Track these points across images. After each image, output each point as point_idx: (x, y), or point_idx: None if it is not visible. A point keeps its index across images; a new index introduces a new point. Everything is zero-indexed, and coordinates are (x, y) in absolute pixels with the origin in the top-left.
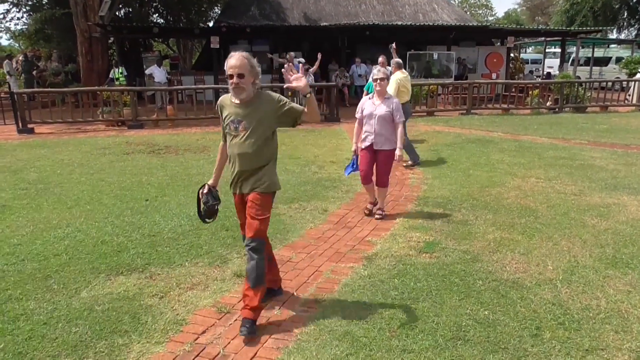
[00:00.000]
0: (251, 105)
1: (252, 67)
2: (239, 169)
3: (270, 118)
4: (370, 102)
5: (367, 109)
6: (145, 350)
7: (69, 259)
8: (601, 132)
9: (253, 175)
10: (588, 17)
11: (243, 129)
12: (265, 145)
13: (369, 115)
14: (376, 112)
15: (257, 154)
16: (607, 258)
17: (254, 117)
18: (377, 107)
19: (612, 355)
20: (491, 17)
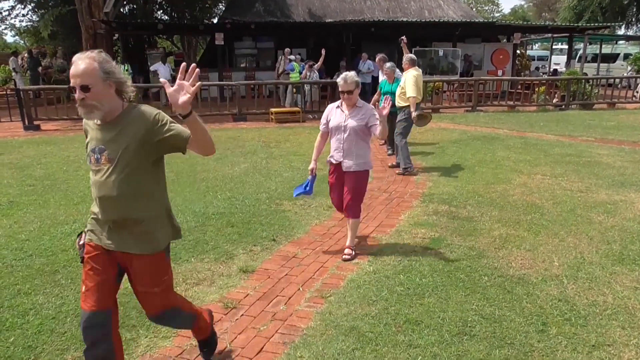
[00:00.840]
0: (117, 127)
1: (106, 73)
2: (103, 217)
3: (144, 145)
4: (339, 112)
5: (334, 119)
6: (152, 345)
7: (76, 254)
8: (608, 129)
9: (128, 228)
10: (596, 12)
11: (106, 161)
12: (141, 184)
13: (337, 128)
14: (346, 123)
15: (127, 198)
16: (614, 254)
17: (121, 143)
18: (348, 117)
19: (619, 351)
20: (497, 13)
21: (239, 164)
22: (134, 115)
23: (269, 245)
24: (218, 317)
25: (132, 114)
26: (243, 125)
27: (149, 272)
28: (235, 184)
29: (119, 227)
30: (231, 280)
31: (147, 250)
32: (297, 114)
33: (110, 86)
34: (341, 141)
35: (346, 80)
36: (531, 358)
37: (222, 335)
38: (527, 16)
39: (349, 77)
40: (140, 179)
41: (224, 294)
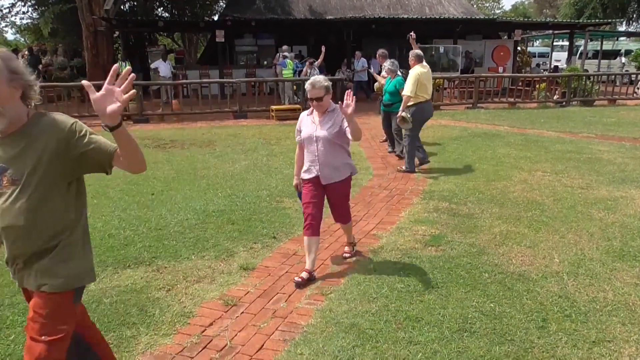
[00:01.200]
0: (22, 140)
1: (13, 73)
2: (10, 252)
3: (59, 160)
4: (309, 120)
5: (305, 130)
6: (153, 342)
7: None
8: (609, 125)
9: (36, 261)
10: (597, 9)
11: (8, 182)
12: (53, 209)
13: (308, 139)
14: (317, 133)
15: (35, 226)
16: (615, 251)
17: (27, 161)
18: (319, 125)
19: (619, 347)
20: (498, 10)
21: (240, 161)
22: (43, 126)
23: (269, 243)
24: (218, 314)
25: (41, 124)
26: (244, 123)
27: (46, 314)
28: (236, 181)
29: (29, 263)
30: (231, 278)
31: (53, 287)
32: (297, 111)
33: (15, 89)
34: (315, 153)
35: (314, 85)
36: (531, 354)
37: (223, 332)
38: (528, 13)
39: (317, 82)
40: (54, 205)
41: (225, 292)
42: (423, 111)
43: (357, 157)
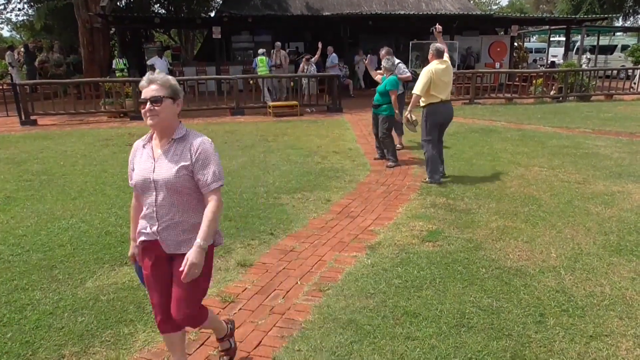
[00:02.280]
0: None
1: None
2: None
3: None
4: (146, 153)
5: (138, 170)
6: (150, 339)
7: (73, 249)
8: (606, 120)
9: None
10: (594, 4)
11: None
12: None
13: (143, 185)
14: (156, 176)
15: None
16: (612, 245)
17: None
18: (158, 162)
19: (616, 341)
20: (495, 5)
21: (237, 157)
22: None
23: (266, 239)
24: (216, 311)
25: None
26: (241, 119)
27: None
28: (233, 178)
29: None
30: (229, 275)
31: None
32: (295, 107)
33: None
34: (153, 205)
35: (153, 81)
36: (529, 349)
37: None
38: (525, 8)
39: (158, 78)
40: None
41: (222, 288)
42: (436, 114)
43: (354, 153)
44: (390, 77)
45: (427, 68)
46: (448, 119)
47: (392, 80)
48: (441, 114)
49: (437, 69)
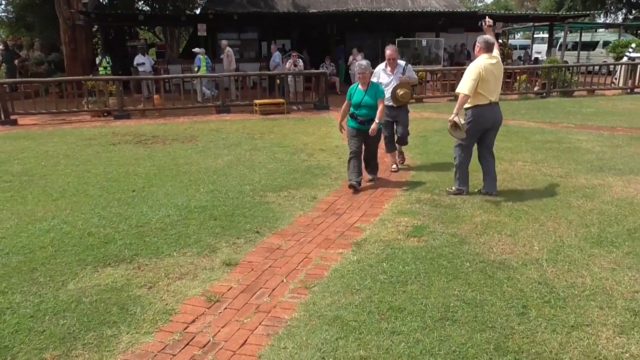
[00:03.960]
0: None
1: None
2: None
3: None
4: None
5: None
6: (134, 341)
7: (55, 251)
8: (588, 115)
9: None
10: (576, 1)
11: None
12: None
13: None
14: None
15: None
16: (592, 237)
17: None
18: None
19: (597, 330)
20: (480, 3)
21: (222, 156)
22: None
23: (252, 238)
24: (201, 311)
25: None
26: (227, 117)
27: None
28: (219, 176)
29: None
30: (214, 274)
31: None
32: (281, 105)
33: None
34: None
35: None
36: (512, 340)
37: (205, 329)
38: (510, 5)
39: None
40: None
41: (207, 288)
42: (483, 118)
43: (341, 150)
44: (376, 85)
45: (476, 63)
46: (497, 123)
47: (381, 89)
48: (489, 118)
49: (487, 65)
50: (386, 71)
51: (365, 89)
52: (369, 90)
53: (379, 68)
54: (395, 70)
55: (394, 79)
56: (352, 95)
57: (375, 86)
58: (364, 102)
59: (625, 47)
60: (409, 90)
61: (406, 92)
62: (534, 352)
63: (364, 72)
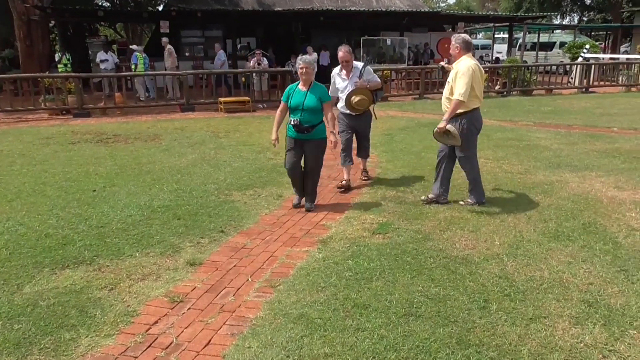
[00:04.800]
0: None
1: None
2: None
3: None
4: None
5: None
6: (94, 344)
7: (9, 254)
8: (546, 113)
9: None
10: (534, 3)
11: None
12: None
13: None
14: None
15: None
16: (550, 232)
17: None
18: None
19: (553, 322)
20: (443, 3)
21: (187, 154)
22: None
23: (217, 237)
24: (164, 312)
25: None
26: (191, 116)
27: None
28: (182, 175)
29: None
30: (178, 274)
31: None
32: (247, 103)
33: None
34: None
35: None
36: (473, 334)
37: (168, 330)
38: (471, 6)
39: None
40: None
41: (171, 288)
42: (476, 121)
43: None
44: (320, 85)
45: (466, 65)
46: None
47: (325, 90)
48: (481, 121)
49: (475, 66)
50: (341, 75)
51: (307, 88)
52: (312, 90)
53: (335, 72)
54: (350, 74)
55: (349, 83)
56: (290, 96)
57: (320, 87)
58: (306, 104)
59: (580, 48)
60: (366, 97)
61: (362, 98)
62: (494, 344)
63: (306, 68)
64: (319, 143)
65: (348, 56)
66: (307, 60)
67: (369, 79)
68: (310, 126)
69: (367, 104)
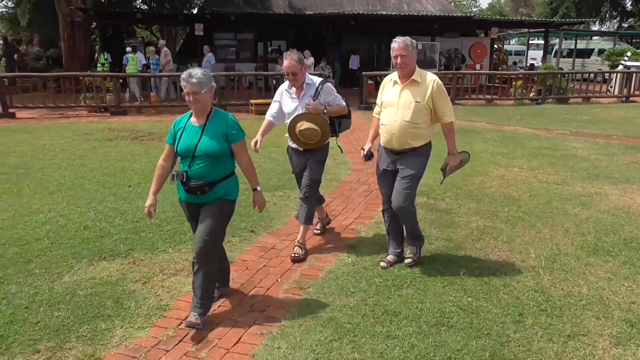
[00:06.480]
0: None
1: None
2: None
3: None
4: None
5: None
6: (128, 335)
7: (50, 243)
8: (583, 122)
9: None
10: (571, 8)
11: None
12: None
13: None
14: None
15: None
16: (589, 246)
17: None
18: None
19: (593, 340)
20: (475, 8)
21: None
22: None
23: (247, 237)
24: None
25: None
26: None
27: None
28: None
29: None
30: None
31: None
32: None
33: None
34: None
35: None
36: (507, 348)
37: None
38: (504, 11)
39: None
40: None
41: None
42: None
43: (335, 152)
44: (223, 114)
45: (439, 82)
46: None
47: (233, 122)
48: None
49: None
50: (290, 93)
51: (204, 122)
52: (212, 123)
53: (282, 88)
54: (302, 93)
55: (299, 105)
56: (176, 135)
57: (224, 117)
58: (200, 148)
59: (620, 55)
60: (317, 127)
61: (311, 128)
62: None
63: (194, 92)
64: (221, 206)
65: (295, 67)
66: (193, 80)
67: (329, 101)
68: (206, 184)
69: (318, 137)
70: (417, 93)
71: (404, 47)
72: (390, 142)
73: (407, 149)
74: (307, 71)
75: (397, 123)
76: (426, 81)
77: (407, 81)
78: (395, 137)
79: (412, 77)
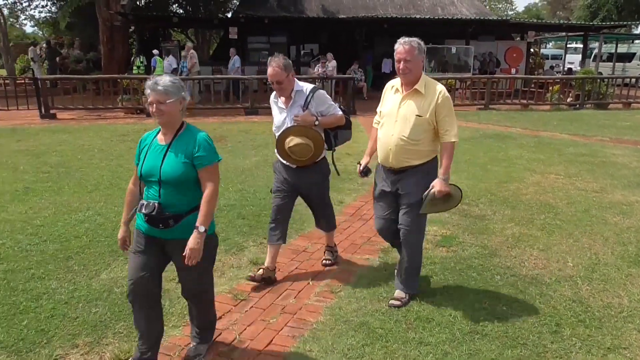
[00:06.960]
0: None
1: None
2: None
3: None
4: None
5: None
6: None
7: (89, 241)
8: (623, 129)
9: None
10: (611, 11)
11: None
12: None
13: None
14: None
15: None
16: (630, 256)
17: None
18: None
19: (635, 354)
20: (511, 11)
21: (250, 157)
22: None
23: None
24: (228, 308)
25: None
26: (255, 119)
27: None
28: (247, 176)
29: None
30: (241, 272)
31: None
32: None
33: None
34: None
35: None
36: (544, 359)
37: (232, 326)
38: (541, 14)
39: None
40: None
41: (234, 286)
42: None
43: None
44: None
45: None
46: None
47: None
48: None
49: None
50: (277, 103)
51: (170, 140)
52: (177, 142)
53: (270, 99)
54: (291, 102)
55: (287, 117)
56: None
57: (193, 136)
58: (165, 172)
59: None
60: (309, 141)
61: (302, 143)
62: None
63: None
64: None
65: (280, 74)
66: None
67: (322, 110)
68: (171, 216)
69: (311, 152)
70: (420, 105)
71: (409, 51)
72: (387, 159)
73: (406, 166)
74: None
75: (393, 138)
76: (431, 92)
77: (410, 90)
78: (392, 153)
79: (415, 87)
